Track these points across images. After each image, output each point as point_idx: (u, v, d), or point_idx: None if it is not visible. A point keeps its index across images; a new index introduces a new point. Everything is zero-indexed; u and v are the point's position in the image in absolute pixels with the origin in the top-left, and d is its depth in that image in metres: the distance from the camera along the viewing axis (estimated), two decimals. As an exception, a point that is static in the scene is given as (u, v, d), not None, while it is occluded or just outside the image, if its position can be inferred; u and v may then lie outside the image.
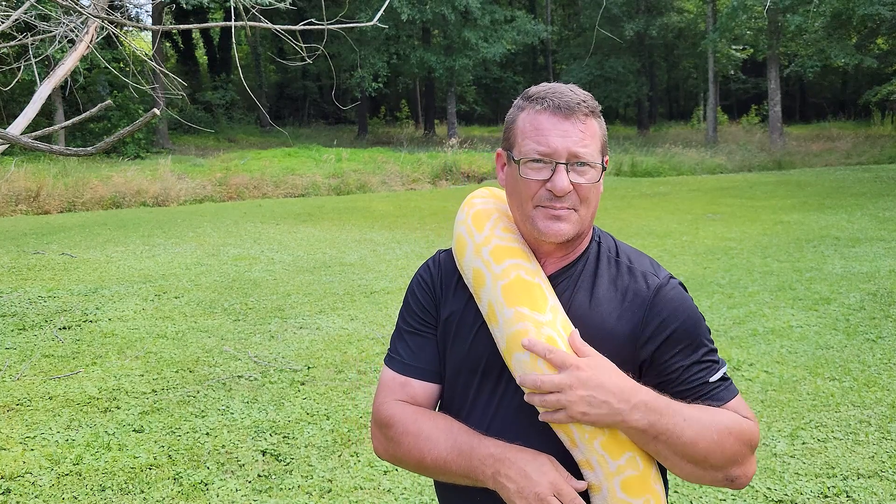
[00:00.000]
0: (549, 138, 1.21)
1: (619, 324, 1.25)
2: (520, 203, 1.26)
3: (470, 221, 1.34)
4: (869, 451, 3.32)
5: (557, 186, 1.20)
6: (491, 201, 1.38)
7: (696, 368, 1.24)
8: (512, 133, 1.27)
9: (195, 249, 8.57)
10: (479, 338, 1.28)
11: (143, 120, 2.28)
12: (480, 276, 1.26)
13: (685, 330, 1.25)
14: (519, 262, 1.25)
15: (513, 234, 1.30)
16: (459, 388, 1.31)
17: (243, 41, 32.41)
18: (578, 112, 1.22)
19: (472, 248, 1.30)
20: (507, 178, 1.30)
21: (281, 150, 20.21)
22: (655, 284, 1.27)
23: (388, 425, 1.29)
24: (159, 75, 14.78)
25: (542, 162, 1.21)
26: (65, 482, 3.16)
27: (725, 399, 1.23)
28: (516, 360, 1.19)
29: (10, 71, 7.73)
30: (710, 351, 1.28)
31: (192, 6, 20.08)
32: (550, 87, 1.26)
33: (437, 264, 1.40)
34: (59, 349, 4.92)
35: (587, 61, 30.33)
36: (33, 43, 3.83)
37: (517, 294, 1.21)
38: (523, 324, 1.18)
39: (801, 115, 36.57)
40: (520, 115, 1.26)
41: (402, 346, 1.35)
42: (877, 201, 11.48)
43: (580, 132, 1.22)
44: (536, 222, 1.24)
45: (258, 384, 4.29)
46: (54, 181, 13.17)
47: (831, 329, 5.08)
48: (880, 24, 21.39)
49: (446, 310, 1.34)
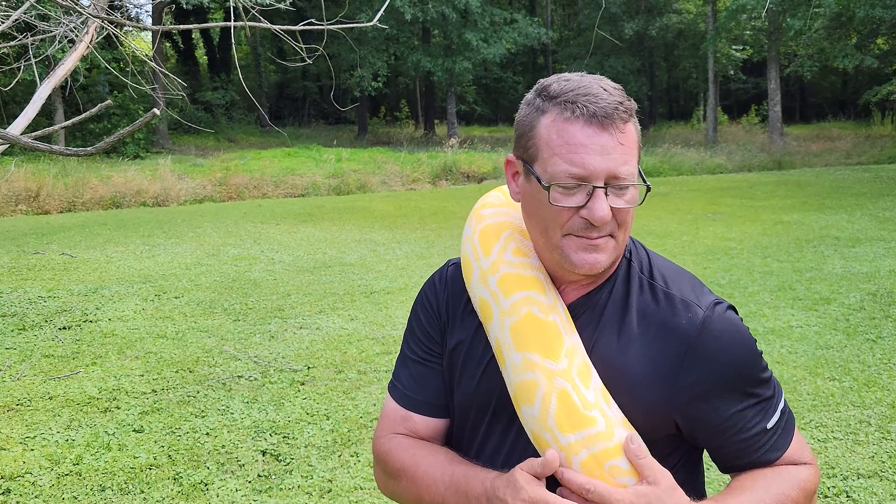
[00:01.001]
0: (584, 157, 0.99)
1: (653, 372, 1.05)
2: (544, 229, 1.06)
3: (476, 241, 1.16)
4: (869, 451, 3.32)
5: (597, 216, 1.00)
6: (503, 212, 1.19)
7: (751, 414, 1.06)
8: (531, 142, 1.04)
9: (195, 249, 8.57)
10: (489, 374, 1.13)
11: (143, 120, 2.28)
12: (487, 309, 1.11)
13: (738, 372, 1.05)
14: (531, 296, 1.07)
15: (525, 258, 1.12)
16: (469, 426, 1.18)
17: (243, 41, 32.42)
18: (617, 119, 1.01)
19: (478, 273, 1.13)
20: (524, 195, 1.09)
21: (281, 150, 20.21)
22: (699, 319, 1.06)
23: (385, 461, 1.19)
24: (159, 75, 14.78)
25: (575, 186, 1.01)
26: (65, 482, 3.16)
27: (784, 447, 1.08)
28: (525, 414, 1.05)
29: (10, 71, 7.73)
30: (766, 385, 1.08)
31: (192, 6, 20.09)
32: (577, 82, 1.03)
33: (444, 282, 1.23)
34: (59, 349, 4.92)
35: (587, 61, 30.33)
36: (33, 43, 3.83)
37: (527, 336, 1.05)
38: (533, 374, 1.03)
39: (801, 115, 36.58)
40: (541, 120, 1.03)
41: (406, 374, 1.22)
42: (877, 201, 11.48)
43: (620, 145, 1.01)
44: (568, 253, 1.04)
45: (258, 384, 4.29)
46: (54, 181, 13.17)
47: (831, 329, 5.08)
48: (880, 25, 21.39)
49: (453, 338, 1.18)
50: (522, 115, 1.07)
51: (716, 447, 1.09)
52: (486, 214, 1.19)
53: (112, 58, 14.70)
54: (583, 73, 1.08)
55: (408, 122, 33.51)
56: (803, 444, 1.13)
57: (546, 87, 1.05)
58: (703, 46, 26.14)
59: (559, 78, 1.06)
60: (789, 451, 1.09)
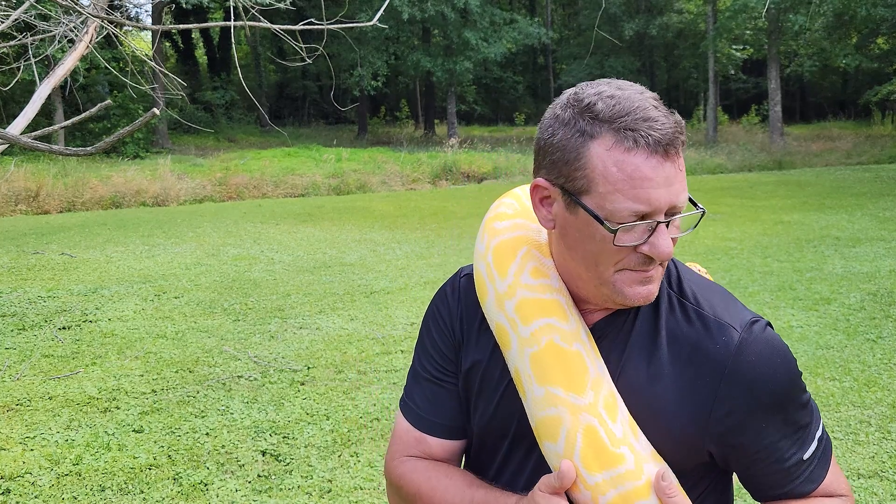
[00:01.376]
0: (650, 192, 0.90)
1: (685, 401, 0.98)
2: (593, 264, 0.97)
3: (491, 259, 1.06)
4: (869, 451, 3.31)
5: (663, 252, 0.93)
6: (519, 225, 1.09)
7: (788, 444, 1.00)
8: (580, 173, 0.93)
9: (195, 249, 8.57)
10: (507, 398, 1.06)
11: (142, 120, 2.28)
12: (505, 336, 1.03)
13: (776, 400, 0.98)
14: (552, 323, 0.99)
15: (545, 280, 1.03)
16: (487, 449, 1.12)
17: (243, 41, 32.42)
18: (678, 144, 0.92)
19: (493, 296, 1.05)
20: (565, 226, 0.98)
21: (281, 150, 20.21)
22: (735, 342, 0.98)
23: (399, 486, 1.13)
24: (159, 75, 14.77)
25: (637, 223, 0.92)
26: (64, 482, 3.15)
27: (820, 478, 1.03)
28: (548, 450, 1.00)
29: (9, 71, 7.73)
30: (805, 411, 1.02)
31: (191, 6, 20.08)
32: (627, 100, 0.92)
33: (456, 294, 1.14)
34: (59, 349, 4.92)
35: (587, 61, 30.35)
36: (33, 43, 3.82)
37: (550, 368, 0.98)
38: (556, 409, 0.97)
39: (801, 114, 36.58)
40: (591, 147, 0.92)
41: (419, 393, 1.14)
42: (877, 201, 11.48)
43: (679, 172, 0.92)
44: (621, 289, 0.97)
45: (258, 384, 4.28)
46: (54, 181, 13.17)
47: (831, 329, 5.08)
48: (881, 24, 21.39)
49: (468, 358, 1.11)
50: (560, 137, 0.95)
51: (749, 476, 1.04)
52: (501, 228, 1.09)
53: (112, 57, 14.70)
54: (615, 80, 0.97)
55: (408, 121, 33.51)
56: (839, 475, 1.07)
57: (590, 107, 0.92)
58: (704, 45, 26.14)
59: (599, 94, 0.93)
60: (825, 483, 1.04)
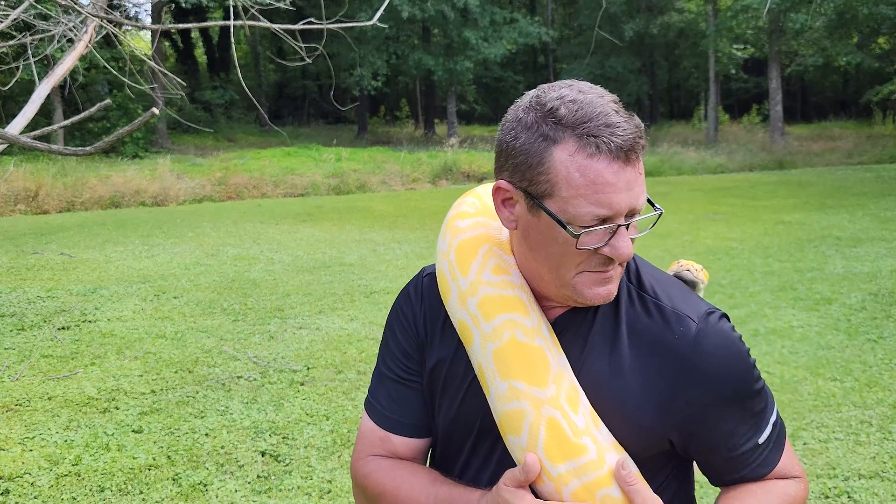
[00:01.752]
0: (612, 197, 0.92)
1: (646, 392, 1.01)
2: (555, 266, 0.99)
3: (453, 257, 1.08)
4: (870, 451, 3.30)
5: (624, 254, 0.96)
6: (480, 223, 1.11)
7: (744, 429, 1.04)
8: (543, 177, 0.94)
9: (194, 249, 8.56)
10: (471, 395, 1.08)
11: (142, 119, 2.27)
12: (468, 332, 1.04)
13: (733, 388, 1.02)
14: (514, 319, 1.01)
15: (507, 277, 1.05)
16: (452, 445, 1.14)
17: (242, 41, 32.41)
18: (638, 150, 0.94)
19: (456, 293, 1.06)
20: (527, 228, 1.00)
21: (280, 150, 20.19)
22: (693, 332, 1.01)
23: (364, 485, 1.14)
24: (158, 75, 14.77)
25: (599, 227, 0.94)
26: (63, 483, 3.15)
27: (774, 461, 1.07)
28: (512, 443, 1.02)
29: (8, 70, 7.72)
30: (760, 397, 1.06)
31: (191, 5, 20.09)
32: (589, 105, 0.93)
33: (419, 294, 1.16)
34: (58, 349, 4.91)
35: (587, 60, 30.33)
36: (32, 42, 3.82)
37: (512, 363, 1.00)
38: (519, 402, 0.98)
39: (802, 114, 36.57)
40: (554, 152, 0.93)
41: (383, 393, 1.16)
42: (878, 201, 11.47)
43: (639, 176, 0.95)
44: (582, 290, 0.99)
45: (257, 384, 4.28)
46: (53, 181, 13.16)
47: (833, 329, 5.07)
48: (882, 23, 21.38)
49: (432, 357, 1.12)
50: (522, 140, 0.96)
51: (708, 462, 1.08)
52: (463, 227, 1.11)
53: (111, 57, 14.69)
54: (575, 82, 0.99)
55: (408, 121, 33.51)
56: (793, 458, 1.11)
57: (553, 112, 0.94)
58: (704, 44, 26.13)
59: (562, 99, 0.94)
60: (780, 466, 1.08)
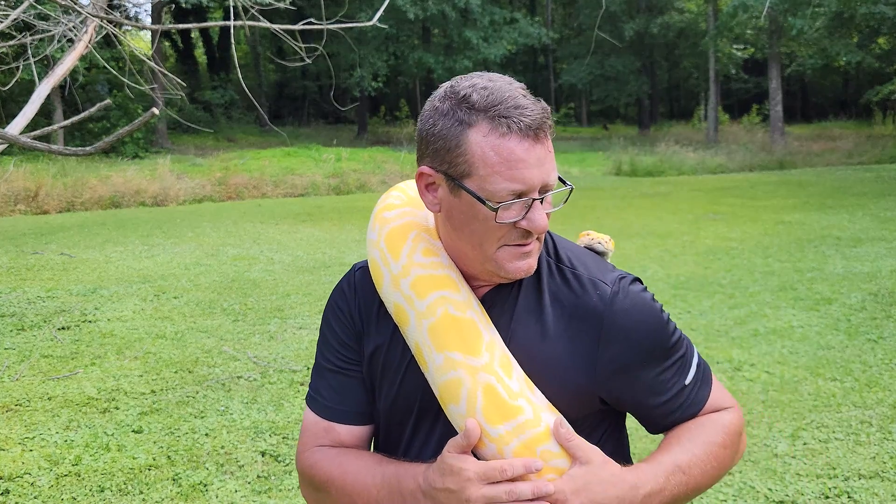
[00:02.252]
0: (525, 172, 1.00)
1: (572, 354, 1.08)
2: (478, 243, 1.05)
3: (384, 245, 1.13)
4: (870, 451, 3.30)
5: (539, 226, 1.02)
6: (407, 213, 1.17)
7: (669, 375, 1.11)
8: (461, 159, 1.01)
9: (194, 249, 8.56)
10: (410, 375, 1.13)
11: (142, 119, 2.27)
12: (403, 314, 1.09)
13: (651, 340, 1.10)
14: (446, 295, 1.07)
15: (436, 258, 1.11)
16: (394, 428, 1.17)
17: (242, 41, 32.41)
18: (546, 128, 1.02)
19: (389, 278, 1.11)
20: (450, 209, 1.06)
21: (280, 150, 20.20)
22: (608, 294, 1.09)
23: (311, 475, 1.15)
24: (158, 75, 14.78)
25: (515, 201, 1.01)
26: (63, 483, 3.15)
27: (704, 398, 1.14)
28: (452, 412, 1.06)
29: (8, 70, 7.72)
30: (679, 346, 1.13)
31: (191, 5, 20.09)
32: (498, 90, 1.01)
33: (353, 287, 1.20)
34: (58, 349, 4.91)
35: (587, 60, 30.33)
36: (32, 42, 3.82)
37: (446, 335, 1.05)
38: (456, 372, 1.03)
39: (802, 114, 36.57)
40: (469, 135, 1.00)
41: (324, 385, 1.19)
42: (878, 201, 11.46)
43: (549, 153, 1.03)
44: (503, 264, 1.06)
45: (257, 385, 4.28)
46: (53, 181, 13.15)
47: (833, 329, 5.07)
48: (881, 23, 21.37)
49: (370, 344, 1.16)
50: (440, 127, 1.03)
51: (641, 413, 1.14)
52: (390, 217, 1.17)
53: (111, 57, 14.69)
54: (486, 73, 1.06)
55: (408, 121, 33.47)
56: (723, 391, 1.19)
57: (466, 98, 1.01)
58: (704, 44, 26.13)
59: (474, 86, 1.02)
60: (710, 401, 1.15)
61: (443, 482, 1.00)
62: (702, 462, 1.09)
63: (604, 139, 26.98)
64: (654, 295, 1.16)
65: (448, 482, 0.99)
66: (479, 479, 0.98)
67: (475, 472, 0.98)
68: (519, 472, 0.98)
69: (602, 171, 19.01)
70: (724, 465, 1.13)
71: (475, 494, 0.97)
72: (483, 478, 0.98)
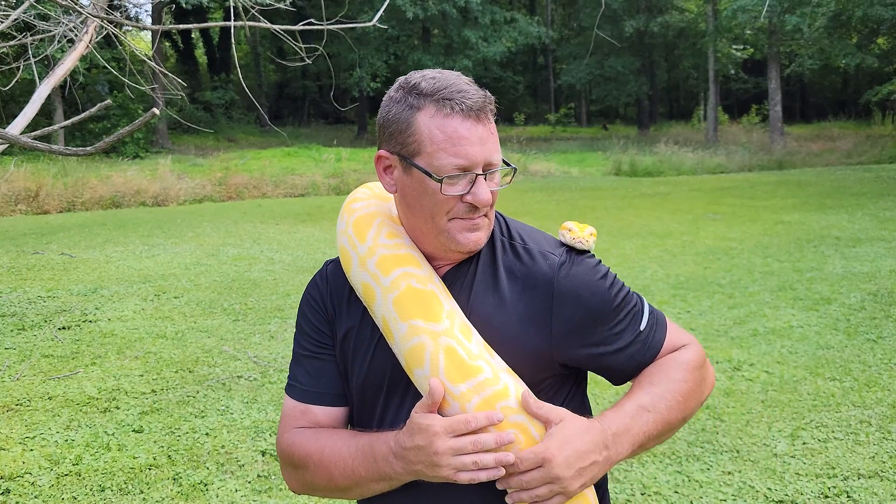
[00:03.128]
0: (467, 149, 1.10)
1: (528, 320, 1.16)
2: (429, 217, 1.15)
3: (351, 231, 1.23)
4: (870, 451, 3.31)
5: (482, 199, 1.12)
6: (373, 204, 1.27)
7: (623, 327, 1.19)
8: (412, 139, 1.12)
9: (195, 249, 8.56)
10: (379, 352, 1.20)
11: (142, 119, 2.27)
12: (370, 291, 1.17)
13: (600, 298, 1.17)
14: (409, 270, 1.16)
15: (399, 239, 1.20)
16: (367, 405, 1.24)
17: (243, 41, 32.40)
18: (488, 111, 1.13)
19: (356, 260, 1.20)
20: (403, 188, 1.16)
21: (280, 150, 20.20)
22: (556, 263, 1.19)
23: (290, 454, 1.21)
24: (159, 75, 14.76)
25: (460, 176, 1.11)
26: (64, 482, 3.15)
27: (660, 341, 1.21)
28: (417, 376, 1.13)
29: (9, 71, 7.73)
30: (629, 299, 1.21)
31: (191, 6, 20.08)
32: (444, 79, 1.13)
33: (324, 279, 1.29)
34: (59, 349, 4.91)
35: (587, 60, 30.32)
36: (32, 42, 3.82)
37: (410, 306, 1.13)
38: (419, 338, 1.11)
39: (801, 114, 36.57)
40: (418, 117, 1.11)
41: (301, 371, 1.26)
42: (878, 201, 11.47)
43: (491, 135, 1.13)
44: (454, 235, 1.15)
45: (258, 384, 4.28)
46: (53, 181, 13.16)
47: (832, 329, 5.07)
48: (880, 24, 21.37)
49: (342, 327, 1.24)
50: (393, 113, 1.14)
51: (602, 366, 1.20)
52: (357, 208, 1.27)
53: (111, 57, 14.69)
54: (436, 69, 1.17)
55: (408, 121, 33.47)
56: (678, 330, 1.25)
57: (416, 86, 1.13)
58: (703, 43, 26.13)
59: (423, 75, 1.14)
60: (667, 342, 1.22)
61: (412, 441, 1.07)
62: (665, 399, 1.15)
63: (603, 139, 26.98)
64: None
65: (417, 439, 1.06)
66: (446, 432, 1.05)
67: (441, 426, 1.05)
68: (482, 423, 1.06)
69: (601, 171, 19.00)
70: (690, 398, 1.19)
71: (443, 447, 1.05)
72: (449, 431, 1.05)
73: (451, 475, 1.06)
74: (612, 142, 22.96)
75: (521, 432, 1.08)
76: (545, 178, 17.61)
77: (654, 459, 3.30)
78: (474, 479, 1.06)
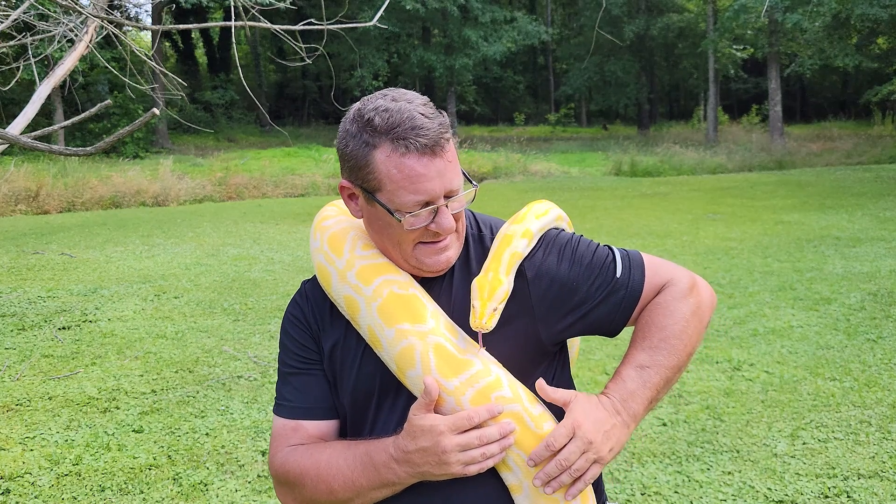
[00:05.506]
0: (426, 185, 1.10)
1: (509, 305, 1.18)
2: (397, 244, 1.17)
3: (327, 248, 1.24)
4: (869, 451, 3.31)
5: (445, 227, 1.14)
6: (343, 220, 1.29)
7: (600, 281, 1.21)
8: (371, 176, 1.12)
9: (195, 249, 8.56)
10: (367, 360, 1.21)
11: (142, 119, 2.27)
12: (353, 303, 1.18)
13: (571, 264, 1.21)
14: (389, 278, 1.18)
15: (374, 250, 1.23)
16: (359, 412, 1.24)
17: (243, 41, 32.40)
18: (443, 143, 1.11)
19: (336, 275, 1.21)
20: (368, 217, 1.19)
21: (281, 150, 20.21)
22: None
23: (284, 473, 1.20)
24: (159, 75, 14.77)
25: (422, 210, 1.12)
26: (64, 482, 3.15)
27: (640, 283, 1.21)
28: (410, 378, 1.14)
29: (9, 71, 7.73)
30: (600, 253, 1.24)
31: (191, 6, 20.09)
32: (397, 112, 1.10)
33: (304, 297, 1.30)
34: (59, 349, 4.91)
35: (585, 65, 30.32)
36: (33, 43, 3.82)
37: (394, 311, 1.15)
38: (407, 340, 1.13)
39: (801, 114, 36.57)
40: (375, 155, 1.11)
41: (288, 389, 1.26)
42: (877, 201, 11.47)
43: (449, 163, 1.12)
44: (422, 259, 1.18)
45: (258, 384, 4.28)
46: (54, 181, 13.16)
47: (832, 329, 5.07)
48: (879, 24, 21.37)
49: (328, 341, 1.25)
50: (350, 147, 1.14)
51: (592, 325, 1.22)
52: (329, 225, 1.28)
53: (111, 57, 14.69)
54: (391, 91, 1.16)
55: (408, 121, 33.47)
56: (660, 264, 1.25)
57: (370, 122, 1.11)
58: (704, 44, 26.13)
59: (377, 109, 1.11)
60: (647, 283, 1.22)
61: (415, 443, 1.07)
62: (661, 348, 1.17)
63: (603, 139, 26.99)
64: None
65: (421, 441, 1.07)
66: (450, 430, 1.06)
67: (445, 425, 1.06)
68: (484, 417, 1.08)
69: (601, 171, 19.00)
70: (688, 330, 1.19)
71: (450, 445, 1.06)
72: (453, 428, 1.06)
73: (461, 471, 1.07)
74: (612, 142, 22.98)
75: (517, 421, 1.10)
76: (545, 178, 17.61)
77: (654, 459, 3.30)
78: (482, 468, 1.08)
